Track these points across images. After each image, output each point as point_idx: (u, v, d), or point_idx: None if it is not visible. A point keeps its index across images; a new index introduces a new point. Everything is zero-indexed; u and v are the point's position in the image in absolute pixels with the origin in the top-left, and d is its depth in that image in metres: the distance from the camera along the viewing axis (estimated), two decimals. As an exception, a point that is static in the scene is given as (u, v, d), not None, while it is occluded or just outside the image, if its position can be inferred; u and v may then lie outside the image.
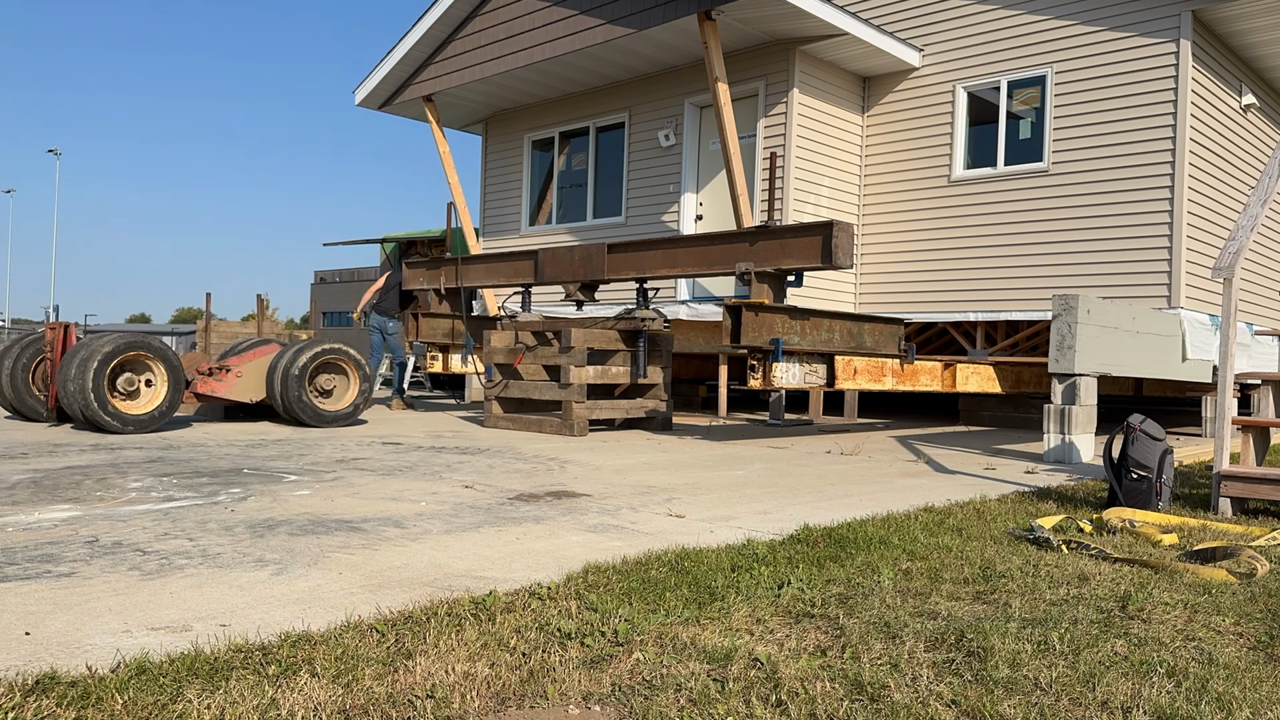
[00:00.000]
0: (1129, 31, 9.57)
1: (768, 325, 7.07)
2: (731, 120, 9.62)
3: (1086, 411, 7.17)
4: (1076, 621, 2.70)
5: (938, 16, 10.95)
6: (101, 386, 7.40)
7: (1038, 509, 4.74)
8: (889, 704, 2.06)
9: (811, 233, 7.39)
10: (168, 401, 7.85)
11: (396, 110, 13.92)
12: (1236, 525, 4.40)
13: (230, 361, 8.92)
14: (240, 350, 9.14)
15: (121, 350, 7.61)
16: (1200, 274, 9.56)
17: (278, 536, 3.64)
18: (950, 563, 3.42)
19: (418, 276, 11.51)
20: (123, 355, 7.64)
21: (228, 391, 8.75)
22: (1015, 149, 10.46)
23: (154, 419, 7.73)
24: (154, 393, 7.91)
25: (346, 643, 2.32)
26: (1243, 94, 10.33)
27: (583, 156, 13.24)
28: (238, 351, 9.15)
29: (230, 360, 8.95)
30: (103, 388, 7.41)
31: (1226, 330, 4.82)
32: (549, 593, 2.83)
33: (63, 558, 3.21)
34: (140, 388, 7.83)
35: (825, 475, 5.97)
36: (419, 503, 4.53)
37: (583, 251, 9.22)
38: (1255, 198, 5.03)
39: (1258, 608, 2.92)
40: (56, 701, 1.91)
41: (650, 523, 4.13)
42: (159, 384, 7.97)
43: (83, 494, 4.55)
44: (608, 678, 2.19)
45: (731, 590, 2.93)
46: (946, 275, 10.85)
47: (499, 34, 11.75)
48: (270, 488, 4.90)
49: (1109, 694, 2.15)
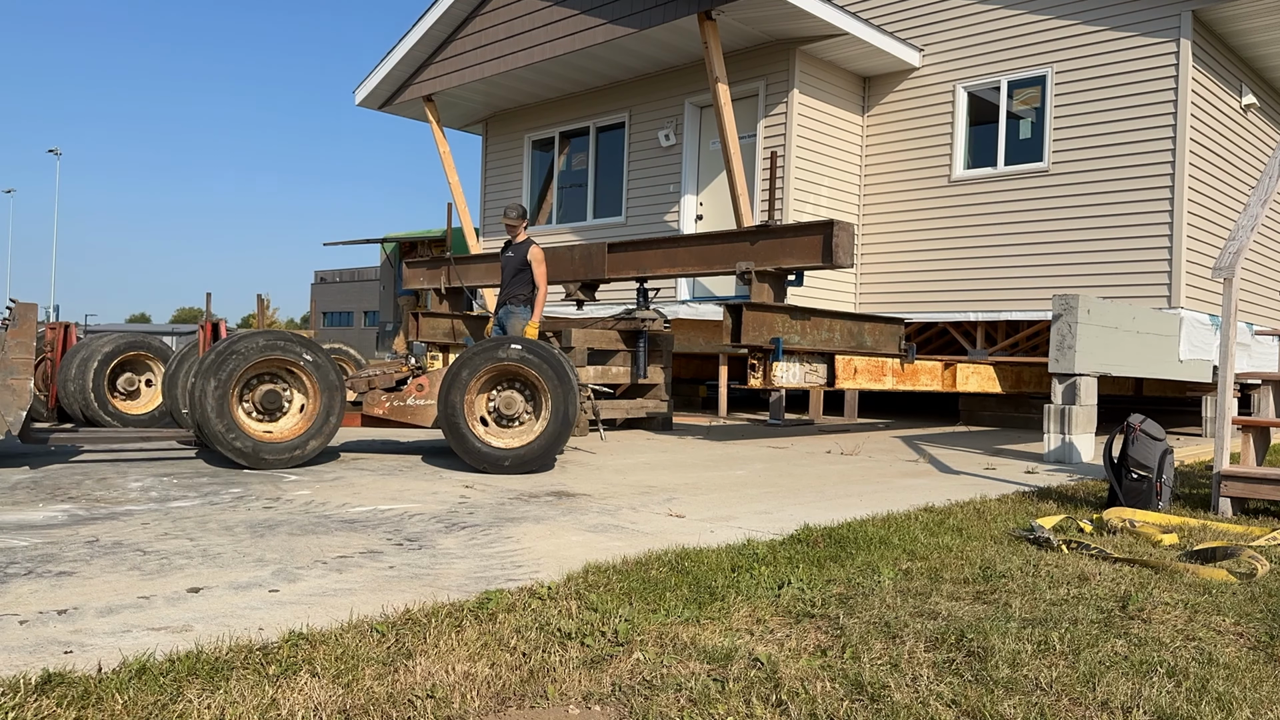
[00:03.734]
0: (1129, 31, 9.57)
1: (768, 324, 7.07)
2: (731, 120, 9.61)
3: (1086, 411, 7.17)
4: (1077, 621, 2.70)
5: (938, 16, 10.94)
6: (102, 386, 7.40)
7: (1038, 509, 4.74)
8: (889, 704, 2.06)
9: (812, 232, 7.40)
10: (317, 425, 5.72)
11: (397, 110, 13.92)
12: (1237, 525, 4.40)
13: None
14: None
15: (122, 350, 7.57)
16: (1200, 274, 9.56)
17: (278, 536, 3.64)
18: (950, 563, 3.42)
19: (418, 276, 11.51)
20: (123, 355, 7.60)
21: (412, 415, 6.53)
22: (1015, 149, 10.46)
23: (154, 419, 7.71)
24: (154, 393, 7.86)
25: (347, 642, 2.32)
26: (1243, 94, 10.33)
27: (583, 156, 13.24)
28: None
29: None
30: (103, 387, 7.42)
31: (1226, 330, 4.82)
32: (549, 593, 2.83)
33: (63, 557, 3.21)
34: (140, 387, 7.81)
35: (825, 475, 5.97)
36: (419, 502, 4.53)
37: (583, 251, 9.22)
38: (1255, 198, 5.03)
39: (1258, 608, 2.92)
40: (57, 701, 1.91)
41: (650, 523, 4.13)
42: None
43: (83, 493, 4.55)
44: (608, 678, 2.19)
45: (732, 590, 2.93)
46: (946, 275, 10.85)
47: (499, 34, 11.75)
48: (271, 488, 4.90)
49: (1109, 694, 2.15)
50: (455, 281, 10.94)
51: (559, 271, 9.41)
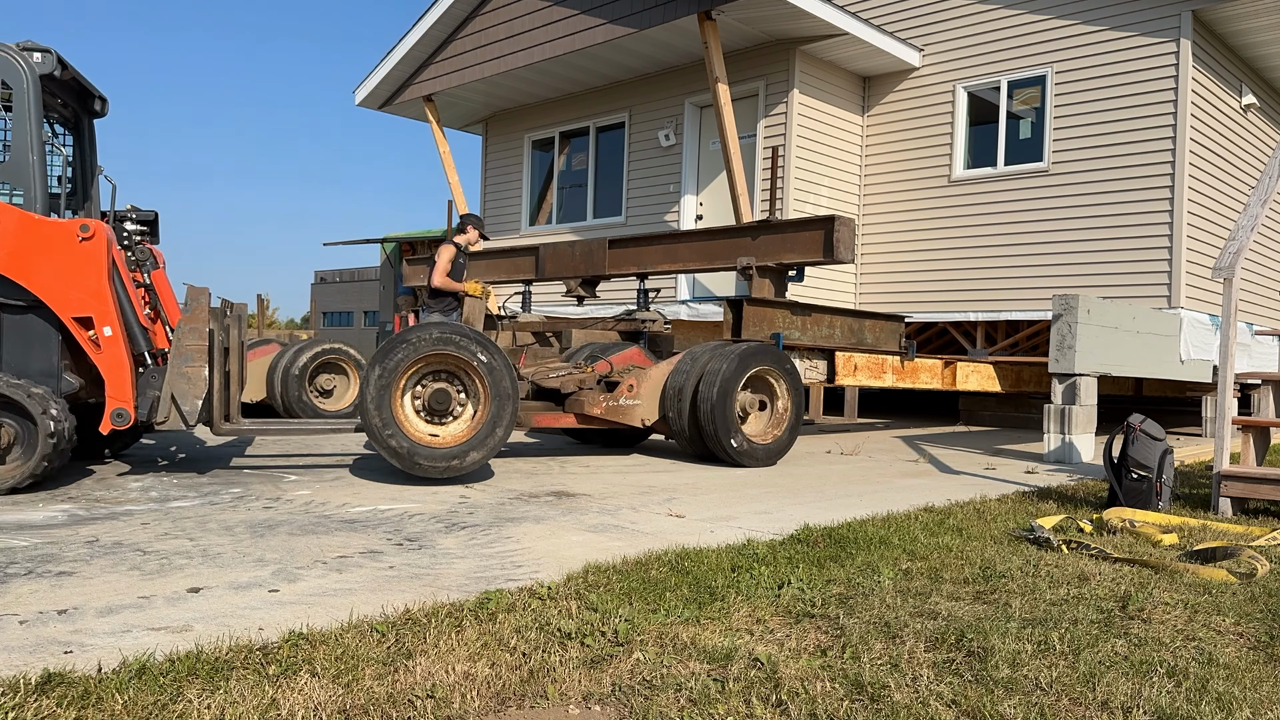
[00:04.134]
0: (1129, 31, 9.56)
1: (769, 320, 7.08)
2: (732, 120, 9.61)
3: (1086, 411, 7.17)
4: (1077, 621, 2.70)
5: (938, 16, 10.94)
6: (304, 384, 8.07)
7: (1038, 509, 4.74)
8: (889, 704, 2.06)
9: (813, 227, 7.40)
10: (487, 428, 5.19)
11: (397, 110, 13.91)
12: (1237, 525, 4.40)
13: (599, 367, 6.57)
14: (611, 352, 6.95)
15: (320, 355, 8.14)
16: (1200, 274, 9.55)
17: (278, 536, 3.64)
18: (950, 563, 3.42)
19: (418, 273, 11.51)
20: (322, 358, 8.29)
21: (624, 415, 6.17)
22: (1015, 149, 10.46)
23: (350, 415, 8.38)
24: (349, 393, 8.59)
25: (347, 643, 2.32)
26: (1243, 94, 10.33)
27: (583, 156, 13.24)
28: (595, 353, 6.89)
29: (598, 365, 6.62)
30: (304, 385, 8.07)
31: (1226, 330, 4.82)
32: (549, 593, 2.83)
33: (63, 557, 3.21)
34: (336, 387, 8.49)
35: (825, 475, 5.97)
36: (419, 502, 4.53)
37: (584, 247, 9.22)
38: (1255, 198, 5.02)
39: (1258, 608, 2.92)
40: (57, 701, 1.91)
41: (650, 523, 4.13)
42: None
43: (83, 493, 4.54)
44: (608, 678, 2.19)
45: (731, 590, 2.93)
46: (946, 275, 10.85)
47: (499, 34, 11.74)
48: (271, 488, 4.90)
49: (1109, 694, 2.15)
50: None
51: (560, 268, 9.41)
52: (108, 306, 4.71)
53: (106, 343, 4.71)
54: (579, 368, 6.53)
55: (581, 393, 6.13)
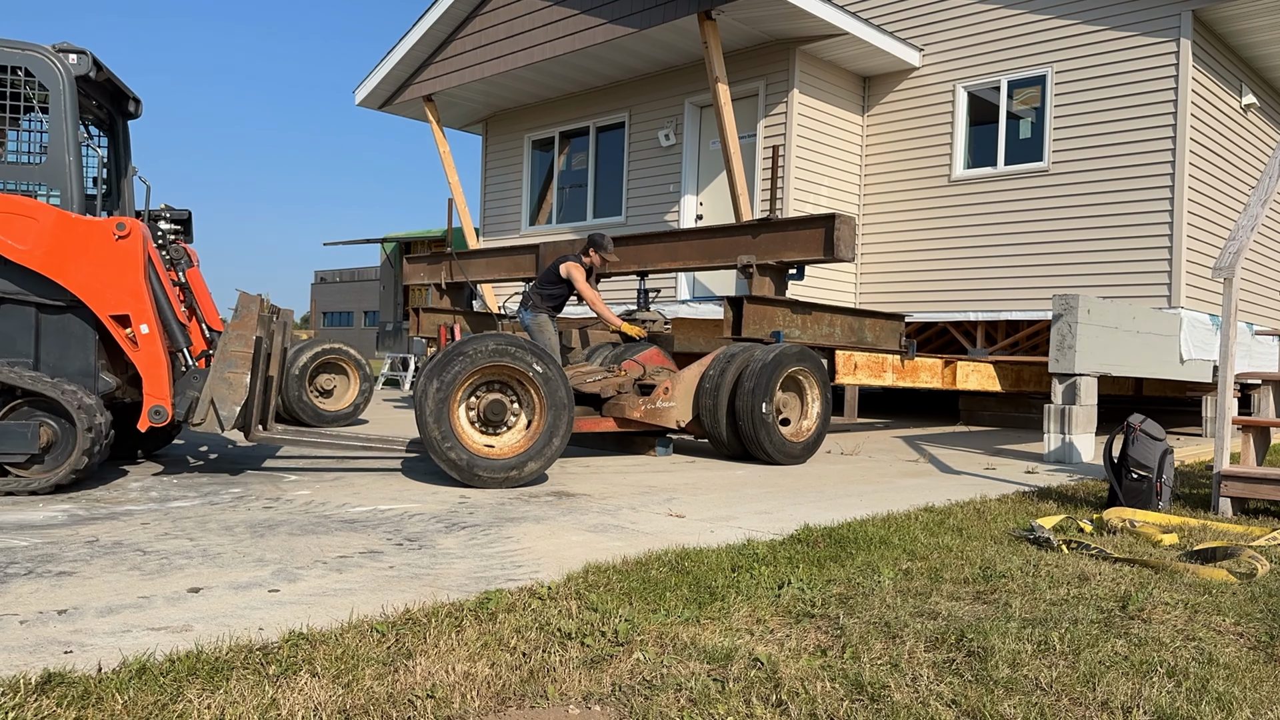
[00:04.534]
0: (1129, 31, 9.56)
1: (769, 318, 7.08)
2: (732, 120, 9.61)
3: (1087, 411, 7.17)
4: (1077, 621, 2.70)
5: (938, 16, 10.94)
6: (304, 385, 8.10)
7: (1038, 509, 4.74)
8: (889, 704, 2.06)
9: (813, 225, 7.41)
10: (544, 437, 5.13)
11: (396, 110, 13.91)
12: (1237, 525, 4.40)
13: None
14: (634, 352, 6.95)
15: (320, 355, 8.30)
16: (1200, 274, 9.55)
17: (278, 536, 3.64)
18: (950, 563, 3.42)
19: (418, 271, 11.52)
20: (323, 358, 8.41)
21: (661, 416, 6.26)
22: (1015, 149, 10.46)
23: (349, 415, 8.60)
24: (349, 392, 8.70)
25: (347, 643, 2.32)
26: (1243, 94, 10.33)
27: (583, 156, 13.24)
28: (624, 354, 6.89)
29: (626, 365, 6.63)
30: (305, 386, 8.07)
31: (1226, 330, 4.82)
32: (549, 593, 2.83)
33: (63, 557, 3.21)
34: (335, 387, 8.60)
35: (825, 475, 5.97)
36: (419, 502, 4.53)
37: (584, 245, 9.21)
38: (1255, 198, 5.02)
39: (1258, 608, 2.92)
40: (57, 701, 1.91)
41: (650, 523, 4.13)
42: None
43: (83, 493, 4.54)
44: (608, 678, 2.18)
45: (732, 590, 2.93)
46: (946, 275, 10.85)
47: (499, 34, 11.74)
48: (271, 488, 4.90)
49: (1109, 694, 2.15)
50: (458, 276, 10.95)
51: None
52: (145, 304, 4.71)
53: (144, 340, 4.71)
54: (612, 371, 6.55)
55: (621, 397, 6.15)
